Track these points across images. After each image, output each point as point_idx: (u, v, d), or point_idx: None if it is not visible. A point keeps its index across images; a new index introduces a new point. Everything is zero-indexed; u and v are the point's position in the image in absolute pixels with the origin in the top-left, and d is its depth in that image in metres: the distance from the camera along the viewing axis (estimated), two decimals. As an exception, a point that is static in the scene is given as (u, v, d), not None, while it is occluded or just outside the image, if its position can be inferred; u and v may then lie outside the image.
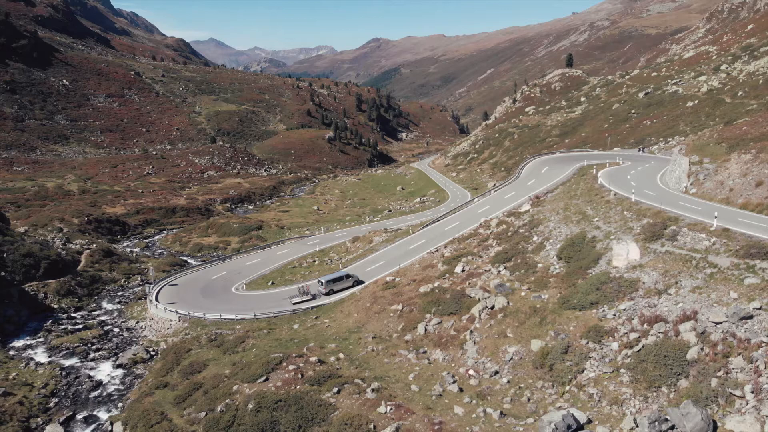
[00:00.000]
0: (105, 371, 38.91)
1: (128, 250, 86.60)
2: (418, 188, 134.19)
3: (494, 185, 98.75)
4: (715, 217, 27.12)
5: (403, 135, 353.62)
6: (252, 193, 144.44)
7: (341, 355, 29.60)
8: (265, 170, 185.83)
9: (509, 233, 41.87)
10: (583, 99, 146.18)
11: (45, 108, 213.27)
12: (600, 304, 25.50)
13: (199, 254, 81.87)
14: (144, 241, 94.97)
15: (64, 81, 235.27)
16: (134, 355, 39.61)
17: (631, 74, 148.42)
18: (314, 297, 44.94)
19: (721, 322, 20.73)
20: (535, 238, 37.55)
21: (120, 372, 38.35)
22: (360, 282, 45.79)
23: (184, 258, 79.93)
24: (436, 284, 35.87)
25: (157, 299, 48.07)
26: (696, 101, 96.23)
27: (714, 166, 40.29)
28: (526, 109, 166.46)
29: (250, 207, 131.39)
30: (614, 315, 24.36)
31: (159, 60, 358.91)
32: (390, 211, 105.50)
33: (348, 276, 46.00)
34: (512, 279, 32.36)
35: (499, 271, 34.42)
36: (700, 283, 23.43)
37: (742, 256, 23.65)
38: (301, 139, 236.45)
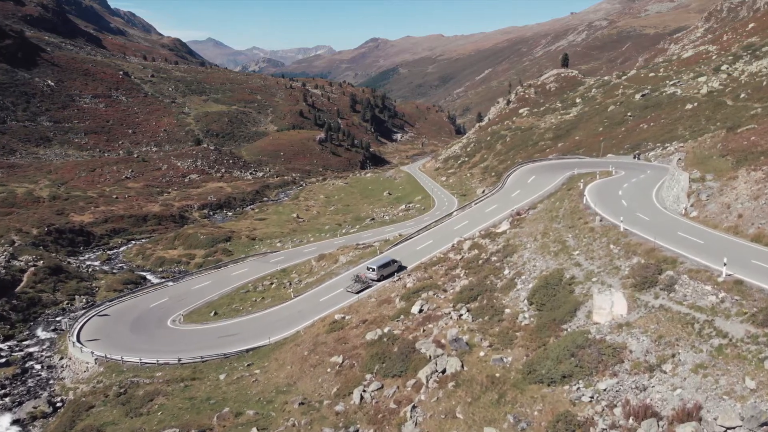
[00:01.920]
0: (1, 427, 32.98)
1: (87, 263, 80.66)
2: (406, 194, 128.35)
3: (483, 191, 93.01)
4: (725, 264, 21.08)
5: (398, 136, 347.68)
6: (233, 198, 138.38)
7: (254, 431, 23.71)
8: (251, 173, 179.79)
9: (480, 261, 35.96)
10: (578, 100, 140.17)
11: (28, 109, 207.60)
12: (574, 379, 19.57)
13: (160, 269, 75.92)
14: (107, 253, 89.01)
15: (49, 81, 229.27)
16: (35, 408, 33.70)
17: (628, 75, 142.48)
18: (369, 285, 43.57)
19: (734, 428, 14.81)
20: (506, 272, 31.60)
21: (15, 430, 32.42)
22: (403, 267, 44.97)
23: (143, 273, 73.96)
24: (386, 329, 29.95)
25: (78, 335, 41.94)
26: (695, 103, 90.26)
27: (718, 185, 34.34)
28: (520, 111, 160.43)
29: (229, 213, 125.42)
30: (591, 398, 18.44)
31: (150, 60, 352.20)
32: (372, 219, 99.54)
33: (393, 261, 45.93)
34: (473, 328, 26.42)
35: (461, 315, 28.51)
36: (705, 358, 17.52)
37: (760, 323, 17.74)
38: (291, 141, 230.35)
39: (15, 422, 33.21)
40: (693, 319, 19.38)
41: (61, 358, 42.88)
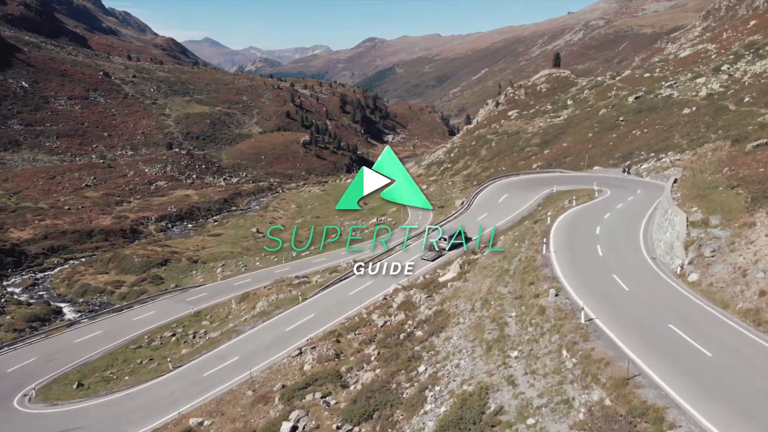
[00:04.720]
0: None
1: (8, 290, 70.96)
2: (382, 203, 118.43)
3: (462, 203, 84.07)
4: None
5: (390, 137, 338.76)
6: (197, 208, 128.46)
7: None
8: (225, 179, 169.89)
9: (402, 335, 26.31)
10: (569, 102, 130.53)
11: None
12: None
13: (82, 300, 66.18)
14: (35, 276, 79.19)
15: (23, 83, 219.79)
16: None
17: (622, 75, 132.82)
18: (441, 254, 44.46)
19: None
20: (421, 368, 21.84)
21: None
22: (469, 239, 44.22)
23: (62, 305, 64.30)
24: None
25: None
26: (694, 107, 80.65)
27: (728, 234, 24.44)
28: (509, 113, 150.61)
29: (190, 225, 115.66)
30: None
31: (136, 60, 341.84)
32: (338, 235, 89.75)
33: (461, 232, 45.35)
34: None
35: (339, 451, 18.85)
36: None
37: None
38: (273, 143, 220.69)
39: None
40: None
41: None
